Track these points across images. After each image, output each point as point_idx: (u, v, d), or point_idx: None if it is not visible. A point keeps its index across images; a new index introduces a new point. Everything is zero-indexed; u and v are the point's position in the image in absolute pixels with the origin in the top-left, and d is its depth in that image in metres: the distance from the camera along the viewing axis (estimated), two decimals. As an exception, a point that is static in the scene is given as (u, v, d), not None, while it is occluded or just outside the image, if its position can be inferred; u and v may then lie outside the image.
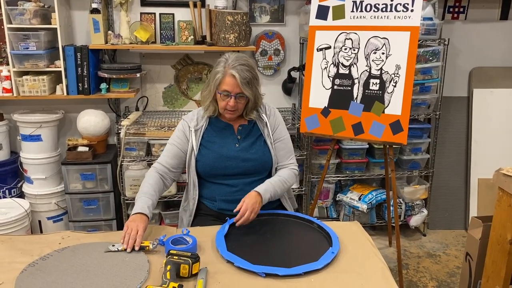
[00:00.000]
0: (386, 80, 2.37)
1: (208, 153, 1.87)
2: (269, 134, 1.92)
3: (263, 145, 1.92)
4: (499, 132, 3.33)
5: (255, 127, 1.94)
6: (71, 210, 2.89)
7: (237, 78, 1.75)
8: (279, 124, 1.98)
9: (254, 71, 1.83)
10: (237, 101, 1.81)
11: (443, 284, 2.69)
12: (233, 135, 1.91)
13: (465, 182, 3.40)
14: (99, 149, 2.96)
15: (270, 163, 1.92)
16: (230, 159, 1.86)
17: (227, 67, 1.77)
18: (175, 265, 1.36)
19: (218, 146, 1.88)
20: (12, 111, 2.94)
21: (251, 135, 1.92)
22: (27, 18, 2.63)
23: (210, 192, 1.91)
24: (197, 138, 1.89)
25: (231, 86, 1.77)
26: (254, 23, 3.07)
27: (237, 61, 1.78)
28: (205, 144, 1.89)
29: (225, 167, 1.86)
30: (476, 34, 3.30)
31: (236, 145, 1.89)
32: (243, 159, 1.87)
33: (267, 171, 1.93)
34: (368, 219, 3.16)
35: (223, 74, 1.78)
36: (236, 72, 1.75)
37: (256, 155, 1.88)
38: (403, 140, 2.36)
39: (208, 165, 1.86)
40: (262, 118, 1.94)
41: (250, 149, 1.89)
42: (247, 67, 1.78)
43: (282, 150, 1.96)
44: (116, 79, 2.87)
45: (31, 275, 1.38)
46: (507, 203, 1.74)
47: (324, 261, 1.45)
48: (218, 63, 1.82)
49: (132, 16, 2.94)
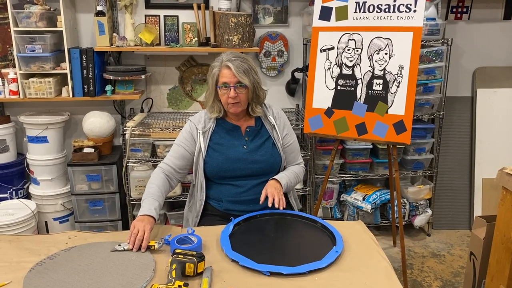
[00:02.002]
0: (389, 80, 2.37)
1: (216, 155, 1.88)
2: (278, 137, 1.94)
3: (272, 147, 1.93)
4: (503, 132, 3.32)
5: (262, 128, 1.95)
6: (77, 211, 2.92)
7: (232, 68, 1.79)
8: (287, 127, 2.00)
9: (250, 63, 1.86)
10: (237, 91, 1.82)
11: (448, 284, 2.69)
12: (241, 137, 1.92)
13: (469, 182, 3.40)
14: (105, 151, 2.99)
15: (279, 164, 1.94)
16: (239, 161, 1.87)
17: (223, 62, 1.83)
18: (180, 264, 1.37)
19: (226, 148, 1.89)
20: (19, 113, 2.97)
21: (259, 137, 1.93)
22: (33, 21, 2.66)
23: (217, 192, 1.92)
24: (205, 140, 1.90)
25: (228, 77, 1.81)
26: (257, 24, 3.09)
27: (231, 55, 1.84)
28: (213, 146, 1.90)
29: (234, 169, 1.87)
30: (480, 34, 3.30)
31: (244, 147, 1.90)
32: (252, 161, 1.88)
33: (274, 173, 1.94)
34: (372, 219, 3.17)
35: (219, 68, 1.83)
36: (231, 63, 1.80)
37: (265, 156, 1.90)
38: (407, 140, 2.37)
39: (217, 167, 1.87)
40: (269, 120, 1.95)
41: (258, 151, 1.90)
42: (241, 59, 1.83)
43: (292, 153, 2.02)
44: (121, 81, 2.90)
45: (38, 274, 1.40)
46: (511, 202, 1.75)
47: (328, 260, 1.46)
48: (214, 62, 1.87)
49: (137, 19, 2.97)
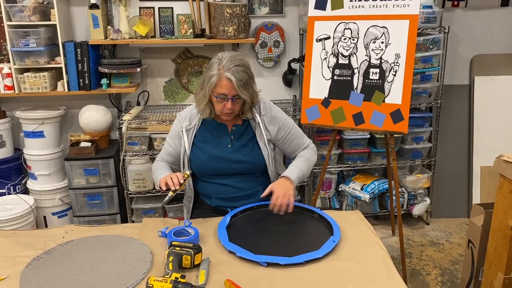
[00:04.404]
0: (386, 69, 2.36)
1: (200, 154, 1.85)
2: (261, 133, 1.87)
3: (256, 147, 1.87)
4: (501, 119, 3.31)
5: (249, 127, 1.89)
6: (76, 205, 2.92)
7: (233, 81, 1.69)
8: (279, 121, 1.91)
9: (249, 70, 1.78)
10: (234, 103, 1.76)
11: (446, 272, 2.70)
12: (227, 135, 1.87)
13: (467, 170, 3.40)
14: (102, 144, 2.98)
15: (263, 165, 1.87)
16: (222, 160, 1.84)
17: (222, 70, 1.70)
18: (177, 256, 1.37)
19: (211, 146, 1.86)
20: (14, 108, 2.96)
21: (244, 136, 1.88)
22: (26, 15, 2.63)
23: (206, 190, 1.91)
24: (190, 138, 1.86)
25: (227, 89, 1.71)
26: (253, 15, 3.07)
27: (231, 62, 1.71)
28: (198, 144, 1.87)
29: (218, 168, 1.84)
30: (477, 21, 3.28)
31: (229, 146, 1.86)
32: (235, 161, 1.84)
33: (260, 172, 1.90)
34: (370, 209, 3.17)
35: (218, 77, 1.71)
36: (232, 74, 1.69)
37: (248, 157, 1.85)
38: (404, 129, 2.36)
39: (200, 165, 1.85)
40: (255, 117, 1.88)
41: (242, 150, 1.86)
42: (242, 68, 1.72)
43: (293, 141, 1.94)
44: (116, 74, 2.88)
45: (35, 269, 1.40)
46: (508, 190, 1.74)
47: (325, 250, 1.46)
48: (211, 65, 1.75)
49: (131, 11, 2.94)
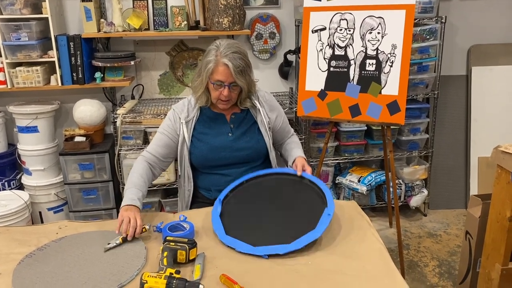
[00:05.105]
0: (383, 60, 2.33)
1: (201, 145, 1.84)
2: (262, 120, 1.88)
3: (257, 132, 1.88)
4: (499, 110, 3.30)
5: (248, 114, 1.89)
6: (71, 200, 2.90)
7: (230, 67, 1.69)
8: (276, 109, 1.96)
9: (247, 59, 1.77)
10: (231, 91, 1.76)
11: (444, 263, 2.70)
12: (226, 124, 1.87)
13: (465, 161, 3.39)
14: (96, 139, 2.95)
15: (264, 150, 1.89)
16: (224, 149, 1.83)
17: (219, 56, 1.70)
18: (172, 252, 1.35)
19: (211, 137, 1.84)
20: (7, 103, 2.92)
21: (244, 123, 1.88)
22: (17, 8, 2.59)
23: (205, 182, 1.89)
24: (189, 130, 1.84)
25: (224, 75, 1.71)
26: (248, 6, 3.03)
27: (229, 49, 1.71)
28: (198, 135, 1.85)
29: (219, 158, 1.83)
30: (474, 11, 3.25)
31: (229, 135, 1.85)
32: (237, 149, 1.84)
33: (261, 159, 1.91)
34: (368, 201, 3.16)
35: (215, 63, 1.71)
36: (229, 60, 1.69)
37: (250, 143, 1.86)
38: (401, 120, 2.34)
39: (202, 157, 1.84)
40: (255, 104, 1.89)
41: (243, 138, 1.86)
42: (239, 55, 1.72)
43: (284, 130, 2.02)
44: (110, 68, 2.85)
45: (28, 266, 1.38)
46: (506, 180, 1.73)
47: (322, 227, 1.45)
48: (209, 51, 1.75)
49: (124, 3, 2.90)
